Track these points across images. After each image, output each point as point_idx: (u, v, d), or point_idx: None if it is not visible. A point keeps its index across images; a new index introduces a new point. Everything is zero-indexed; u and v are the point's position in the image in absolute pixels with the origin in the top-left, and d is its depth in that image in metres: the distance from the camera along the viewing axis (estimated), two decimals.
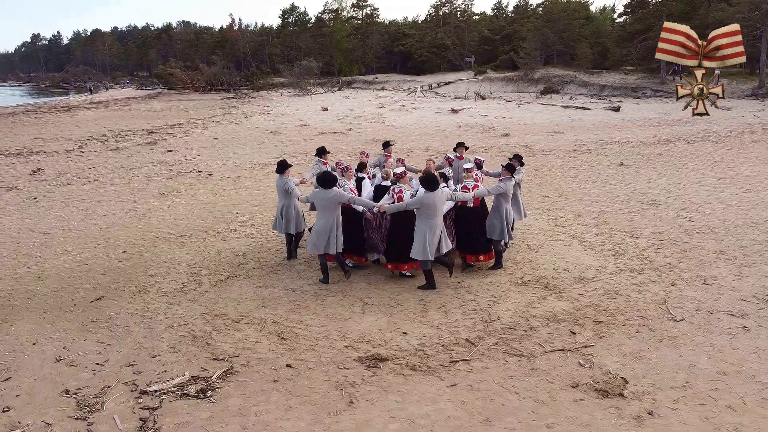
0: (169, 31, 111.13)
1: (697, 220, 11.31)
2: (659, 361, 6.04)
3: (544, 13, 59.73)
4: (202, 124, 32.25)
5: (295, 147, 22.60)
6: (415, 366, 6.05)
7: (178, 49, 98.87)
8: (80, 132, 29.22)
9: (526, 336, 6.71)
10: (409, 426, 5.03)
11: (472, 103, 41.93)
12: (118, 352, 6.47)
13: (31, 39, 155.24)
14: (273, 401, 5.45)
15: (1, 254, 10.06)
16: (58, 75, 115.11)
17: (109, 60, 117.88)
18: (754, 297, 7.64)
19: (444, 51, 69.67)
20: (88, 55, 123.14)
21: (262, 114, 38.07)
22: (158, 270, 9.17)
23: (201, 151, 22.12)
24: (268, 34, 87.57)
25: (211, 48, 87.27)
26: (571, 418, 5.08)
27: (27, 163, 19.55)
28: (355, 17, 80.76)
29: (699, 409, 5.19)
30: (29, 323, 7.29)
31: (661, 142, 22.19)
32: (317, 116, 35.25)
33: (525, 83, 53.02)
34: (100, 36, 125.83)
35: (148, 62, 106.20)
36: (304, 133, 27.25)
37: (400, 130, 28.00)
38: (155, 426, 5.09)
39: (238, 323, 7.18)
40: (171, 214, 12.61)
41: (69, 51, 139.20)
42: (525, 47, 55.25)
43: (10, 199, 14.37)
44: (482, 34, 71.35)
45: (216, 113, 40.04)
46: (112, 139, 26.25)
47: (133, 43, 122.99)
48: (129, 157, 20.91)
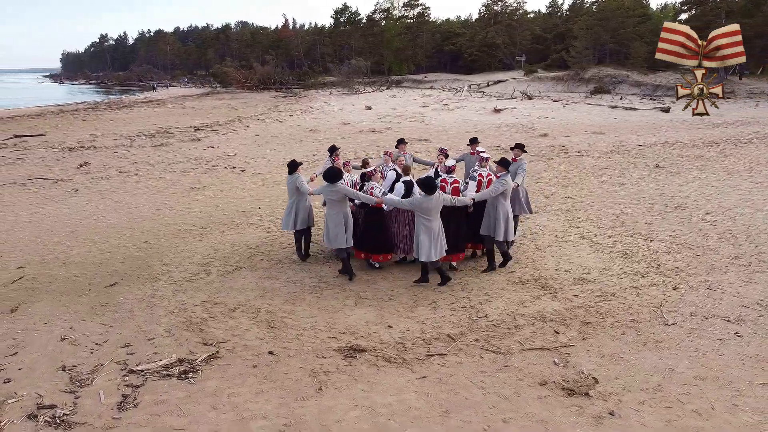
0: (226, 31, 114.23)
1: (720, 225, 10.96)
2: (636, 364, 5.98)
3: (597, 11, 58.23)
4: (247, 122, 33.16)
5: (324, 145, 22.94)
6: (390, 358, 6.21)
7: (234, 48, 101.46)
8: (132, 129, 30.57)
9: (509, 334, 6.75)
10: (369, 414, 5.19)
11: (517, 103, 41.44)
12: (118, 334, 6.90)
13: (99, 39, 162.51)
14: (247, 385, 5.72)
15: (35, 241, 10.77)
16: (122, 74, 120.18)
17: (170, 59, 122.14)
18: (758, 304, 7.42)
19: (494, 50, 68.93)
20: (151, 55, 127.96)
21: (306, 112, 38.78)
22: (173, 260, 9.64)
23: (240, 147, 22.80)
24: (320, 34, 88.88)
25: (265, 48, 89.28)
26: (529, 414, 5.13)
27: (77, 157, 20.67)
28: (407, 16, 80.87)
29: (663, 412, 5.14)
30: (46, 305, 7.84)
31: (706, 144, 21.41)
32: (359, 115, 35.64)
33: (575, 83, 51.88)
34: (162, 36, 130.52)
35: (206, 61, 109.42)
36: (342, 131, 27.64)
37: (439, 129, 28.01)
38: (134, 402, 5.44)
39: (234, 311, 7.50)
40: (197, 208, 13.15)
41: (134, 51, 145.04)
42: (576, 46, 54.07)
43: (55, 190, 15.29)
44: (534, 33, 70.23)
45: (263, 111, 41.03)
46: (159, 135, 27.37)
47: (193, 43, 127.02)
48: (171, 152, 21.79)
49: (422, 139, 23.88)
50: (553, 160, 18.66)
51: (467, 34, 73.34)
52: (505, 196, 8.50)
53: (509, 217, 8.59)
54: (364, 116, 34.85)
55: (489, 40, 68.75)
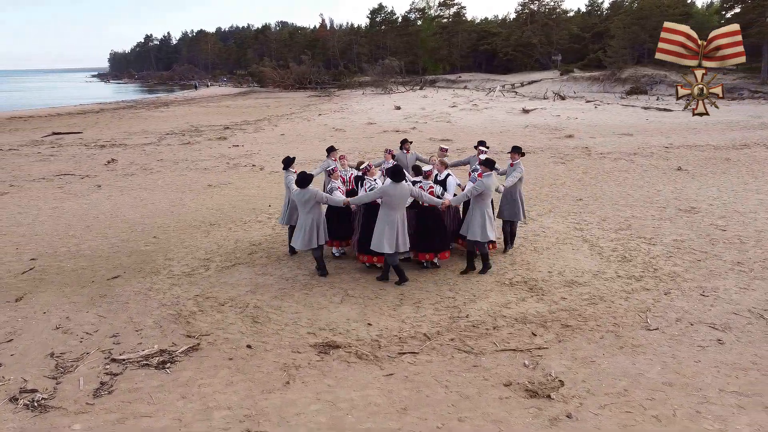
0: (265, 31, 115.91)
1: (730, 230, 10.69)
2: (607, 368, 5.94)
3: (636, 10, 56.91)
4: (276, 121, 33.67)
5: (351, 144, 23.19)
6: (362, 355, 6.31)
7: (273, 48, 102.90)
8: (164, 127, 31.42)
9: (486, 334, 6.77)
10: (329, 408, 5.31)
11: (548, 104, 40.90)
12: (110, 325, 7.20)
13: (144, 39, 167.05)
14: (220, 376, 5.91)
15: (52, 234, 11.25)
16: (165, 73, 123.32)
17: (211, 59, 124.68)
18: (749, 311, 7.25)
19: (530, 50, 68.16)
20: (192, 55, 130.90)
21: (336, 112, 39.13)
22: (177, 255, 9.95)
23: (264, 146, 23.22)
24: (356, 34, 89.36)
25: (303, 47, 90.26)
26: (486, 414, 5.17)
27: (107, 155, 21.40)
28: (442, 16, 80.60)
29: (622, 416, 5.10)
30: (49, 295, 8.22)
31: (737, 147, 20.80)
32: (387, 114, 35.78)
33: (611, 83, 50.92)
34: (203, 36, 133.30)
35: (245, 61, 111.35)
36: (367, 131, 27.83)
37: (463, 129, 27.93)
38: (110, 389, 5.69)
39: (223, 306, 7.73)
40: (210, 205, 13.50)
41: (177, 51, 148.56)
42: (612, 45, 52.99)
43: (80, 186, 15.90)
44: (572, 32, 69.11)
45: (294, 111, 41.58)
46: (189, 133, 28.07)
47: (233, 43, 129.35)
48: (197, 150, 22.34)
49: (444, 139, 23.87)
50: (572, 162, 18.43)
51: (503, 34, 72.66)
52: (484, 197, 8.40)
53: (486, 218, 8.40)
54: (391, 116, 34.98)
55: (525, 40, 68.03)
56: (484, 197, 8.37)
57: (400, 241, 8.02)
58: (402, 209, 8.04)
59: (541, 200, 13.40)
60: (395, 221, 7.93)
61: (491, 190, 8.39)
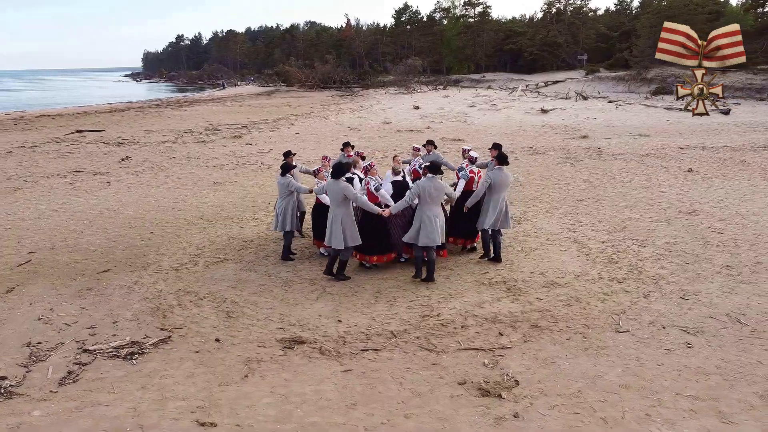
0: (292, 31, 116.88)
1: (728, 233, 10.47)
2: (567, 369, 5.91)
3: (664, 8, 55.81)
4: (294, 120, 33.99)
5: (364, 143, 23.25)
6: (326, 351, 6.39)
7: (300, 48, 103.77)
8: (184, 125, 31.99)
9: (453, 333, 6.78)
10: (281, 401, 5.40)
11: (570, 104, 40.41)
12: (90, 316, 7.41)
13: (175, 39, 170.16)
14: (182, 368, 6.05)
15: (54, 229, 11.60)
16: (194, 73, 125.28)
17: (240, 58, 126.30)
18: (727, 315, 7.12)
19: (556, 49, 67.40)
20: (222, 54, 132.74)
21: (354, 111, 39.30)
22: (169, 250, 10.17)
23: (276, 145, 23.45)
24: (381, 33, 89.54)
25: (328, 47, 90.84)
26: (433, 412, 5.20)
27: (123, 152, 21.90)
28: (467, 15, 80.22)
29: (570, 417, 5.08)
30: (39, 287, 8.49)
31: (755, 149, 20.29)
32: (404, 114, 35.80)
33: (637, 83, 50.06)
34: (233, 36, 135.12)
35: (273, 61, 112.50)
36: (381, 130, 27.90)
37: (478, 129, 27.80)
38: (75, 378, 5.88)
39: (202, 300, 7.89)
40: (212, 202, 13.74)
41: (207, 50, 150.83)
42: (638, 45, 52.07)
43: (90, 182, 16.32)
44: (599, 31, 68.14)
45: (314, 110, 41.91)
46: (205, 132, 28.53)
47: (261, 43, 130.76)
48: (210, 149, 22.71)
49: (456, 139, 23.80)
50: (581, 162, 18.21)
51: (528, 33, 72.00)
52: (424, 201, 8.21)
53: (432, 221, 8.15)
54: (408, 115, 34.99)
55: (550, 39, 67.31)
56: (424, 200, 8.21)
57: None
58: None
59: (541, 201, 13.30)
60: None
61: (426, 194, 8.17)
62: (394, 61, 77.11)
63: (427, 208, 8.18)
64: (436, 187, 8.19)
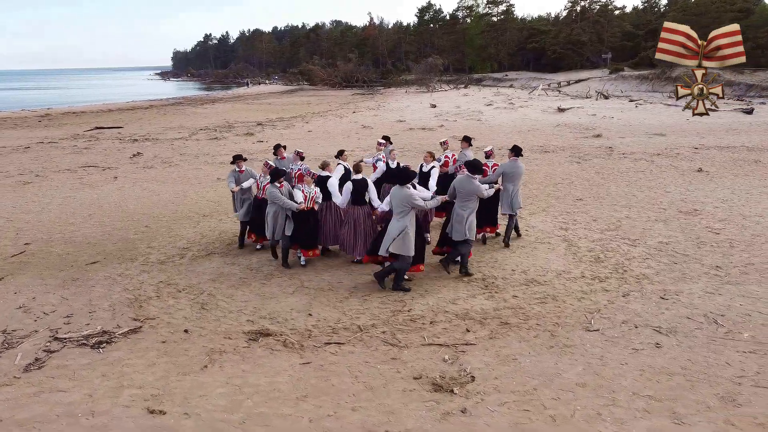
0: (317, 30, 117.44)
1: (725, 233, 10.22)
2: (527, 366, 5.83)
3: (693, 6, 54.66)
4: (310, 118, 34.16)
5: (373, 141, 23.27)
6: (289, 343, 6.42)
7: (324, 47, 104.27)
8: (201, 122, 32.40)
9: (420, 329, 6.75)
10: (233, 391, 5.44)
11: (589, 103, 39.85)
12: (68, 306, 7.56)
13: (203, 39, 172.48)
14: (146, 357, 6.14)
15: (54, 222, 11.85)
16: (221, 71, 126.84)
17: (266, 57, 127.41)
18: (704, 316, 6.95)
19: (580, 48, 66.52)
20: (248, 53, 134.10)
21: (371, 110, 39.34)
22: (159, 243, 10.31)
23: (287, 142, 23.43)
24: (404, 32, 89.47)
25: (351, 46, 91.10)
26: (382, 405, 5.18)
27: (136, 148, 22.28)
28: (490, 14, 79.66)
29: (518, 414, 5.02)
30: (28, 277, 8.69)
31: None
32: (420, 112, 35.71)
33: (661, 82, 49.09)
34: (259, 35, 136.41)
35: (298, 60, 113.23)
36: (394, 128, 27.86)
37: (492, 128, 27.59)
38: (41, 365, 6.00)
39: (180, 292, 7.98)
40: (210, 197, 13.89)
41: (234, 49, 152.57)
42: None
43: (98, 177, 16.64)
44: (624, 30, 67.04)
45: (331, 108, 42.07)
46: (220, 129, 28.85)
47: (287, 42, 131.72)
48: (221, 146, 22.96)
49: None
50: (588, 162, 17.95)
51: (552, 32, 71.20)
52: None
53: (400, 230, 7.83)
54: (423, 114, 34.90)
55: (574, 38, 66.47)
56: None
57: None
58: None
59: (540, 199, 13.15)
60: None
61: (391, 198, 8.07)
62: (417, 60, 76.98)
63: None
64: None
